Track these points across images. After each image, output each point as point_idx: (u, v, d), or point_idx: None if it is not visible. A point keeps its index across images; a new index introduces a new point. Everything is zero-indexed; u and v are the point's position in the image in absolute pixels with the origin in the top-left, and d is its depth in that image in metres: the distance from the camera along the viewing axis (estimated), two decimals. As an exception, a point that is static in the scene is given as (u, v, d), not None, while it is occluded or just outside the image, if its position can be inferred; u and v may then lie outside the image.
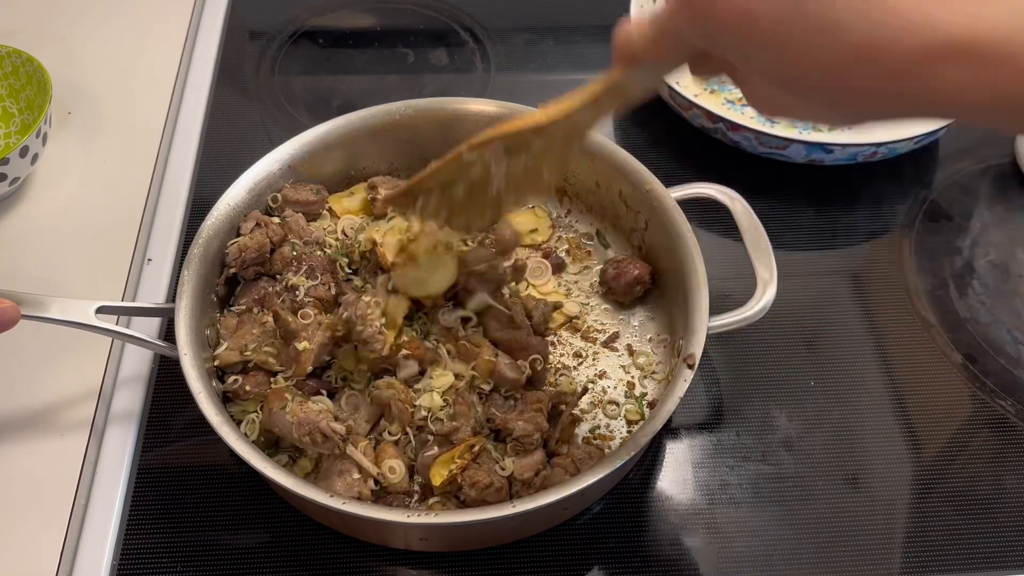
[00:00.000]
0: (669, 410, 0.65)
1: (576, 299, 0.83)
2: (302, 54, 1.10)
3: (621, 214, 0.84)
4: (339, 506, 0.60)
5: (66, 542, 0.67)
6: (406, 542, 0.69)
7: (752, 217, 0.78)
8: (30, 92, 0.90)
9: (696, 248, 0.74)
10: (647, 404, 0.75)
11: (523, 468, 0.66)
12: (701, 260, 0.73)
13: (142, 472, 0.73)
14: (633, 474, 0.74)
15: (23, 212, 0.88)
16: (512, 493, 0.67)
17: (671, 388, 0.66)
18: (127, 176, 0.91)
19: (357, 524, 0.68)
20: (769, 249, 0.75)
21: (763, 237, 0.76)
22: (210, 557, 0.69)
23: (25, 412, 0.74)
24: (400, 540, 0.69)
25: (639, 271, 0.80)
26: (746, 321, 0.72)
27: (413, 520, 0.60)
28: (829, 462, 0.76)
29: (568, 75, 1.09)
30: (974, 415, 0.80)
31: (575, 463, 0.67)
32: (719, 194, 0.80)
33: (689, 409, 0.79)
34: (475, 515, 0.61)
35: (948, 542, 0.71)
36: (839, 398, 0.80)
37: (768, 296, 0.73)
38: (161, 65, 1.02)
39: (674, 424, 0.78)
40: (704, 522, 0.72)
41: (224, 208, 0.77)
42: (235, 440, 0.63)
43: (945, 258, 0.91)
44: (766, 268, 0.74)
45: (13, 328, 0.62)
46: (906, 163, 0.98)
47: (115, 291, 0.82)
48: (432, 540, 0.69)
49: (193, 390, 0.65)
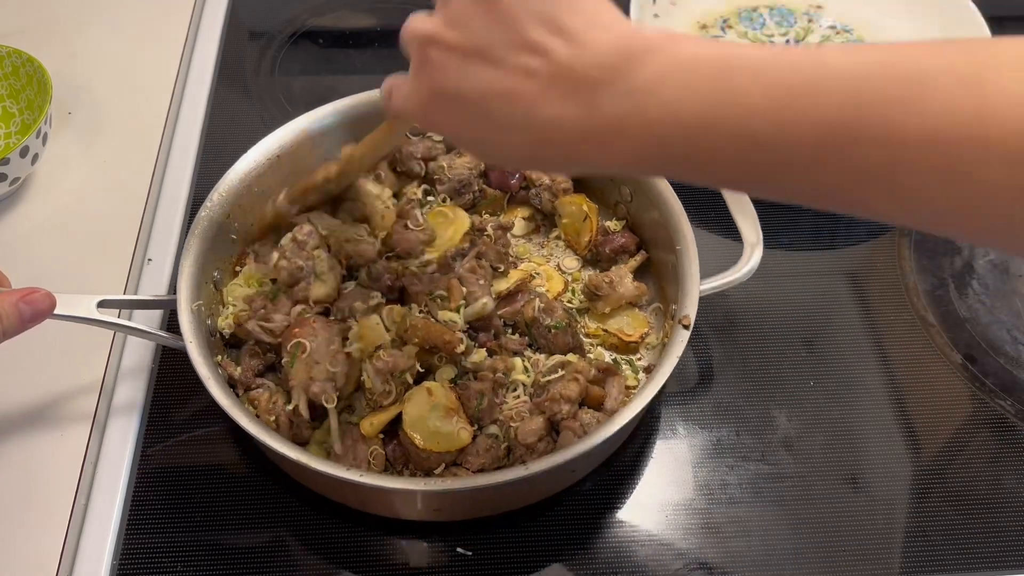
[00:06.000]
0: (668, 370, 0.66)
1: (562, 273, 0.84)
2: (302, 54, 1.10)
3: (606, 187, 0.85)
4: (356, 478, 0.61)
5: (66, 542, 0.67)
6: (419, 513, 0.70)
7: None
8: (30, 92, 0.90)
9: (683, 214, 0.76)
10: (643, 370, 0.76)
11: (526, 434, 0.67)
12: (689, 225, 0.75)
13: (143, 470, 0.73)
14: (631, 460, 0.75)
15: (23, 212, 0.88)
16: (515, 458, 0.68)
17: (668, 350, 0.67)
18: (127, 176, 0.91)
19: (370, 497, 0.69)
20: (753, 211, 0.76)
21: (746, 200, 0.77)
22: (211, 557, 0.69)
23: (26, 410, 0.74)
24: (413, 511, 0.70)
25: (625, 239, 0.82)
26: (736, 281, 0.73)
27: (430, 487, 0.61)
28: (829, 462, 0.76)
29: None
30: (974, 415, 0.80)
31: (583, 426, 0.68)
32: None
33: (688, 408, 0.79)
34: (488, 479, 0.62)
35: (947, 542, 0.72)
36: (839, 398, 0.80)
37: (755, 258, 0.74)
38: (161, 65, 1.02)
39: (673, 422, 0.78)
40: (703, 522, 0.72)
41: (218, 198, 0.77)
42: (247, 422, 0.63)
43: (945, 258, 0.91)
44: (751, 230, 0.76)
45: None
46: (906, 163, 0.98)
47: (116, 291, 0.82)
48: (445, 510, 0.70)
49: (201, 376, 0.65)
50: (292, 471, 0.72)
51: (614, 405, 0.70)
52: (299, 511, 0.71)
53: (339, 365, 0.67)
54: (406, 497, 0.67)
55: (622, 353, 0.78)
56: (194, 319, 0.69)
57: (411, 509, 0.70)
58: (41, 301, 0.63)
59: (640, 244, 0.83)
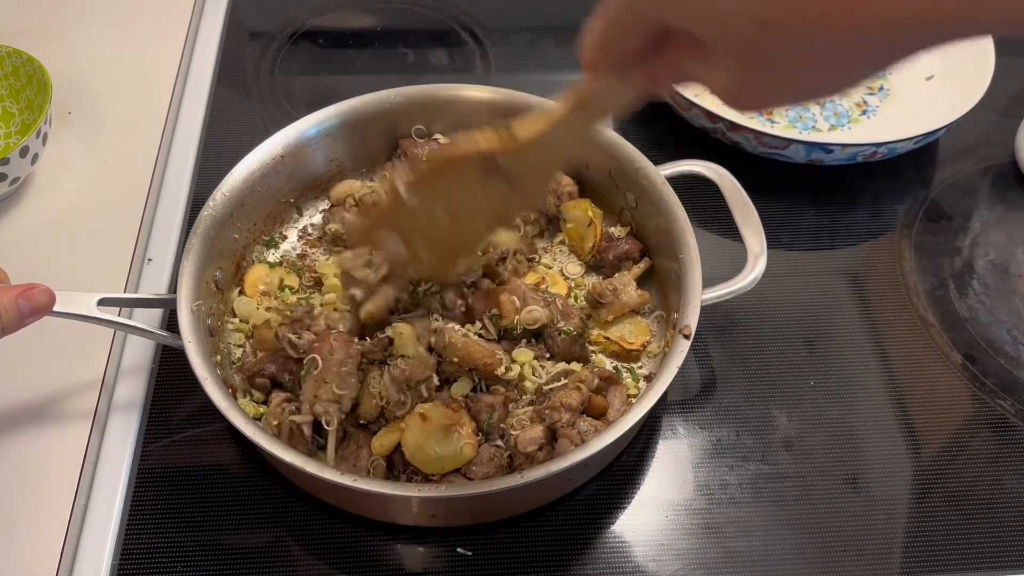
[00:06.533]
0: (668, 379, 0.66)
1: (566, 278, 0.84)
2: (302, 54, 1.10)
3: (611, 193, 0.85)
4: (351, 483, 0.61)
5: (66, 542, 0.67)
6: (415, 518, 0.70)
7: (740, 192, 0.79)
8: (30, 92, 0.90)
9: (687, 222, 0.75)
10: (644, 378, 0.76)
11: (526, 442, 0.67)
12: (692, 234, 0.75)
13: (143, 469, 0.73)
14: (632, 462, 0.75)
15: (23, 212, 0.88)
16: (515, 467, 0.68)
17: (668, 360, 0.67)
18: (127, 176, 0.91)
19: (366, 502, 0.69)
20: (758, 222, 0.76)
21: (752, 211, 0.77)
22: (211, 557, 0.69)
23: (26, 409, 0.74)
24: (409, 517, 0.70)
25: (629, 246, 0.82)
26: (739, 291, 0.73)
27: (424, 494, 0.61)
28: (829, 462, 0.76)
29: (568, 75, 1.09)
30: (974, 415, 0.80)
31: (580, 435, 0.68)
32: (706, 170, 0.81)
33: (689, 408, 0.79)
34: (484, 487, 0.62)
35: (947, 542, 0.71)
36: (839, 398, 0.80)
37: (759, 268, 0.74)
38: (161, 65, 1.02)
39: (674, 423, 0.78)
40: (703, 522, 0.72)
41: (220, 198, 0.77)
42: (244, 424, 0.63)
43: (945, 258, 0.91)
44: (756, 240, 0.76)
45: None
46: (906, 163, 0.98)
47: (116, 291, 0.82)
48: (440, 516, 0.69)
49: (199, 376, 0.65)
50: (290, 474, 0.72)
51: (616, 416, 0.70)
52: (299, 511, 0.71)
53: (347, 388, 0.67)
54: (402, 503, 0.67)
55: (623, 361, 0.78)
56: (194, 319, 0.69)
57: (407, 514, 0.70)
58: (40, 297, 0.63)
59: (644, 251, 0.83)
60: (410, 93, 0.86)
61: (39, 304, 0.63)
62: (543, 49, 1.11)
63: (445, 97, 0.87)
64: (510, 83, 1.00)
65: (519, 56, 1.10)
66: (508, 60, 1.09)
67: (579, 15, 1.03)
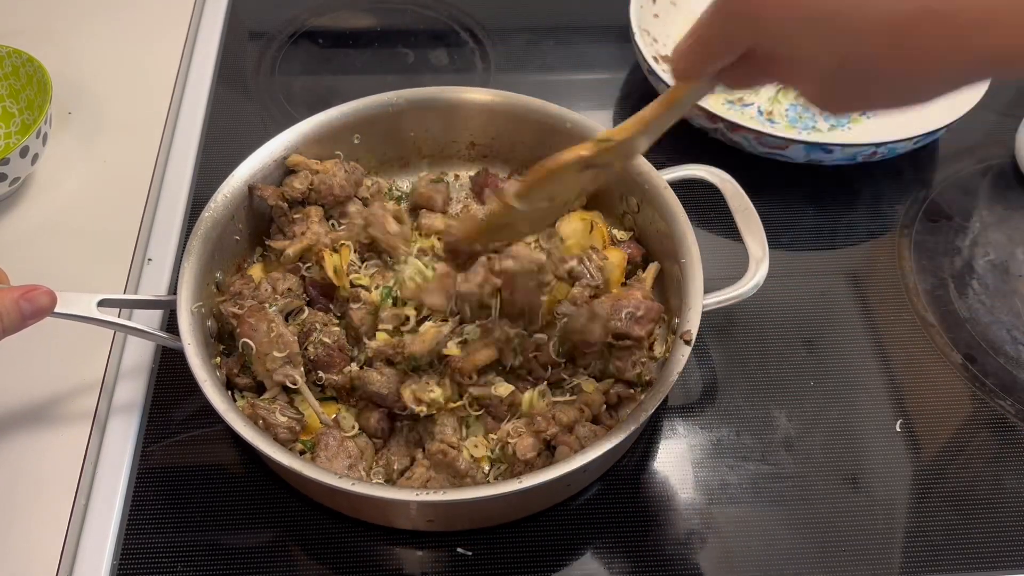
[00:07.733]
0: (668, 385, 0.66)
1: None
2: (302, 54, 1.10)
3: (612, 198, 0.85)
4: (348, 487, 0.61)
5: (66, 542, 0.67)
6: (413, 523, 0.70)
7: (743, 197, 0.79)
8: (30, 92, 0.90)
9: (689, 226, 0.75)
10: (645, 383, 0.76)
11: (524, 449, 0.67)
12: (694, 238, 0.74)
13: (143, 470, 0.73)
14: (633, 462, 0.75)
15: (23, 212, 0.88)
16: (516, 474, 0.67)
17: (669, 364, 0.67)
18: (127, 176, 0.91)
19: (363, 505, 0.69)
20: (761, 228, 0.76)
21: (754, 216, 0.77)
22: (211, 557, 0.69)
23: (26, 409, 0.74)
24: (406, 521, 0.70)
25: (631, 250, 0.82)
26: (740, 297, 0.73)
27: (422, 499, 0.61)
28: (829, 462, 0.76)
29: (568, 75, 1.09)
30: (974, 415, 0.80)
31: (579, 440, 0.68)
32: (708, 175, 0.81)
33: (689, 408, 0.79)
34: (481, 492, 0.62)
35: (947, 542, 0.72)
36: (839, 398, 0.80)
37: (761, 273, 0.74)
38: (161, 65, 1.02)
39: (674, 423, 0.78)
40: (703, 522, 0.72)
41: (222, 200, 0.77)
42: (242, 426, 0.63)
43: (945, 258, 0.91)
44: (758, 246, 0.75)
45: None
46: (906, 163, 0.98)
47: (116, 291, 0.82)
48: (438, 521, 0.69)
49: (198, 378, 0.65)
50: (288, 477, 0.71)
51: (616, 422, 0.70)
52: (299, 511, 0.71)
53: (287, 347, 0.70)
54: (400, 508, 0.67)
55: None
56: (194, 320, 0.69)
57: (405, 519, 0.70)
58: (42, 298, 0.63)
59: (646, 255, 0.82)
60: (411, 95, 0.86)
61: (40, 306, 0.63)
62: (543, 49, 1.11)
63: (446, 100, 0.87)
64: (510, 83, 1.00)
65: (519, 56, 1.10)
66: (508, 60, 1.09)
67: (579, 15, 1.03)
